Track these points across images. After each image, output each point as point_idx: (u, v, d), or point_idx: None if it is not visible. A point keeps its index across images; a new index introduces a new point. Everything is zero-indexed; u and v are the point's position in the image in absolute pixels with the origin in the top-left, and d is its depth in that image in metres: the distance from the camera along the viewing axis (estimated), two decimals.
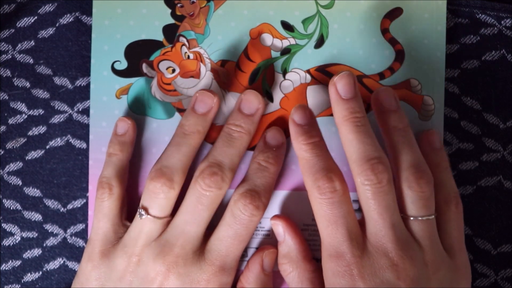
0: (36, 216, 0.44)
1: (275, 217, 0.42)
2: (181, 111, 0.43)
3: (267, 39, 0.43)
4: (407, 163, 0.39)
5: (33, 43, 0.45)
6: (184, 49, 0.43)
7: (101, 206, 0.41)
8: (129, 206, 0.42)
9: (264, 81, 0.43)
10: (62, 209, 0.45)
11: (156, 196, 0.39)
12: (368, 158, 0.38)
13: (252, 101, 0.41)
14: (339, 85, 0.39)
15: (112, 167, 0.41)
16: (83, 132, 0.44)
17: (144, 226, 0.40)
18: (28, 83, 0.45)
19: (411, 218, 0.39)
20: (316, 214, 0.39)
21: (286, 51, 0.43)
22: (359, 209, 0.39)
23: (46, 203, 0.44)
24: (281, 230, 0.41)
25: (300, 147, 0.39)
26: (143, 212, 0.40)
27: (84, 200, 0.44)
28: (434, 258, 0.38)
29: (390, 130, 0.40)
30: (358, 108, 0.39)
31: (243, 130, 0.41)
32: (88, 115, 0.44)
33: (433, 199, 0.39)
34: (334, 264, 0.38)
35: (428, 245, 0.39)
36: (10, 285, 0.44)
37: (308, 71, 0.43)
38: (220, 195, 0.40)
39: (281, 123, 0.43)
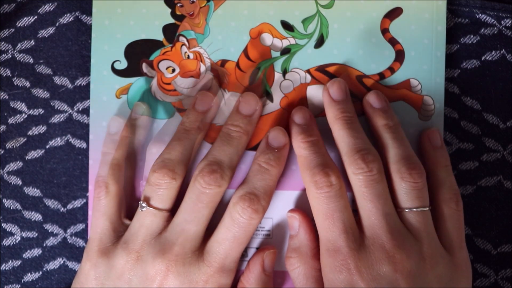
0: (36, 216, 0.44)
1: (293, 210, 0.42)
2: (181, 111, 0.43)
3: (267, 39, 0.43)
4: (398, 156, 0.40)
5: (33, 43, 0.44)
6: (184, 48, 0.43)
7: (99, 205, 0.41)
8: (130, 207, 0.42)
9: (264, 81, 0.43)
10: (62, 209, 0.44)
11: (158, 187, 0.40)
12: (358, 149, 0.39)
13: (250, 103, 0.42)
14: (332, 89, 0.41)
15: (108, 166, 0.41)
16: (83, 132, 0.44)
17: (145, 219, 0.40)
18: (28, 83, 0.45)
19: (406, 210, 0.39)
20: (314, 209, 0.39)
21: (286, 51, 0.43)
22: (357, 211, 0.40)
23: (46, 203, 0.44)
24: (297, 224, 0.41)
25: (299, 145, 0.40)
26: (144, 204, 0.40)
27: (84, 200, 0.44)
28: (431, 252, 0.39)
29: (380, 128, 0.41)
30: (349, 109, 0.41)
31: (242, 130, 0.41)
32: (88, 115, 0.44)
33: (426, 192, 0.40)
34: (331, 259, 0.38)
35: (425, 238, 0.39)
36: (10, 285, 0.44)
37: (308, 71, 0.43)
38: (219, 193, 0.40)
39: (281, 123, 0.43)
